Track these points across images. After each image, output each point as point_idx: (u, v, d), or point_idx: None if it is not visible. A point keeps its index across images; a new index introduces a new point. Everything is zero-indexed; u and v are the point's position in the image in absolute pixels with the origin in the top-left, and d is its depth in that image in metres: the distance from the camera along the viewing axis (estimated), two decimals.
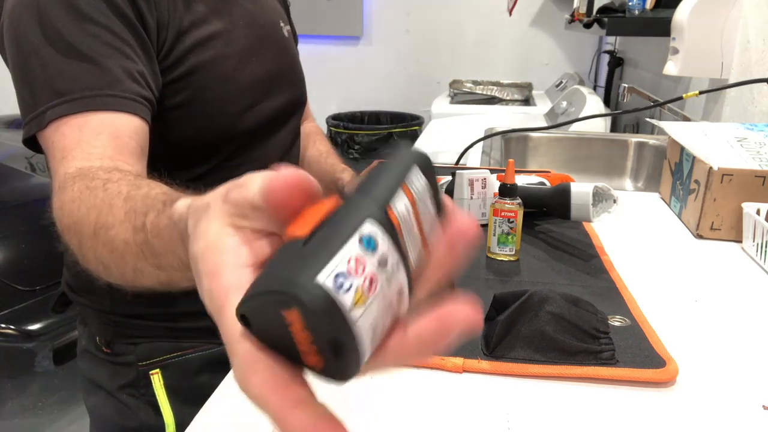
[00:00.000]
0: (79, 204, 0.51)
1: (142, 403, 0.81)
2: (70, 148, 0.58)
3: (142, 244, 0.42)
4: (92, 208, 0.50)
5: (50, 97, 0.60)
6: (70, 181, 0.55)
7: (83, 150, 0.58)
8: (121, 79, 0.62)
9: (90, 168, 0.56)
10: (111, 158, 0.59)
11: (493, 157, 1.51)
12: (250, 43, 0.78)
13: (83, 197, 0.52)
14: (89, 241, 0.50)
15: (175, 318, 0.79)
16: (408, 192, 0.25)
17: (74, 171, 0.56)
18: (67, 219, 0.53)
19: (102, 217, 0.49)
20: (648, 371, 0.58)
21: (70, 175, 0.55)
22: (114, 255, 0.47)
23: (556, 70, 3.23)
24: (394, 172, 0.25)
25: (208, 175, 0.77)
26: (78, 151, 0.58)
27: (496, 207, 0.82)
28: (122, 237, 0.45)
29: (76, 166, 0.57)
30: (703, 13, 1.36)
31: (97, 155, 0.58)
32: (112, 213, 0.48)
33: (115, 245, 0.46)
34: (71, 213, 0.52)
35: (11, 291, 1.77)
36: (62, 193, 0.54)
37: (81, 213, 0.51)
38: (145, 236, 0.42)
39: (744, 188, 0.92)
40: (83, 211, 0.51)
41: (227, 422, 0.53)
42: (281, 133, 0.86)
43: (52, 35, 0.61)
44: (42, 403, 2.04)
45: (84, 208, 0.51)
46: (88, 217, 0.50)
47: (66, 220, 0.53)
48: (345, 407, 0.55)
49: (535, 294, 0.63)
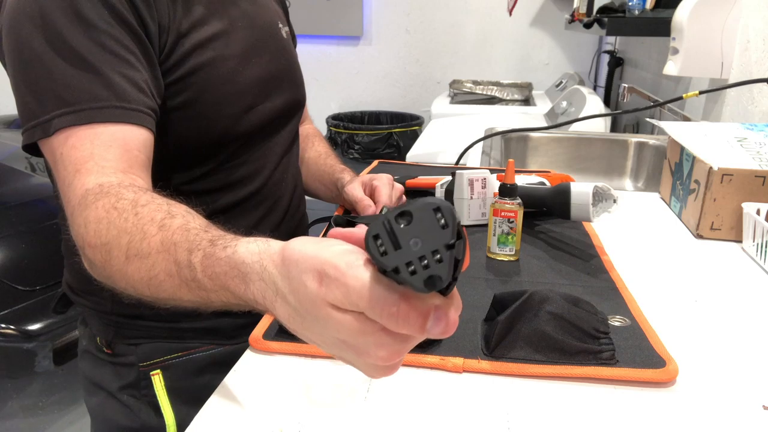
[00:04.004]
0: (108, 225, 0.53)
1: (143, 403, 0.81)
2: (83, 160, 0.59)
3: (189, 281, 0.45)
4: (123, 232, 0.52)
5: (56, 106, 0.60)
6: (92, 198, 0.55)
7: (97, 163, 0.59)
8: (128, 90, 0.63)
9: (111, 185, 0.57)
10: (123, 172, 0.60)
11: (493, 157, 1.51)
12: (249, 45, 0.78)
13: (111, 218, 0.53)
14: (120, 265, 0.52)
15: (176, 318, 0.79)
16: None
17: (95, 187, 0.57)
18: (92, 238, 0.54)
19: (135, 243, 0.51)
20: (648, 371, 0.58)
21: (92, 191, 0.56)
22: (151, 282, 0.49)
23: (556, 70, 3.23)
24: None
25: (208, 176, 0.77)
26: (92, 164, 0.59)
27: (496, 207, 0.82)
28: (162, 267, 0.48)
29: (95, 181, 0.57)
30: (703, 13, 1.36)
31: (110, 169, 0.59)
32: (147, 240, 0.50)
33: (153, 273, 0.49)
34: (98, 233, 0.53)
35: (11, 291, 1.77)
36: (85, 210, 0.55)
37: (111, 235, 0.52)
38: (194, 274, 0.45)
39: (744, 188, 0.92)
40: (113, 233, 0.52)
41: (227, 422, 0.53)
42: (281, 134, 0.86)
43: (57, 42, 0.61)
44: (42, 403, 2.04)
45: (114, 230, 0.52)
46: (119, 240, 0.52)
47: (92, 240, 0.54)
48: (345, 407, 0.55)
49: (535, 294, 0.63)
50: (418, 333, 0.31)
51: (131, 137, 0.62)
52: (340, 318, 0.33)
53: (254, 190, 0.82)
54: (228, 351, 0.83)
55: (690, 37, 1.37)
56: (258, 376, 0.60)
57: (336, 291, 0.32)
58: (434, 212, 0.29)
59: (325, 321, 0.34)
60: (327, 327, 0.34)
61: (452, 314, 0.31)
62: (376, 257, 0.29)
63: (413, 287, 0.29)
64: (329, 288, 0.33)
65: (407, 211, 0.29)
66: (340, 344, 0.35)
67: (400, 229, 0.29)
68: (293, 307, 0.36)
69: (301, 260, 0.35)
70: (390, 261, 0.29)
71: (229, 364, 0.61)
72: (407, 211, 0.29)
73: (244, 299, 0.41)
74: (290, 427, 0.53)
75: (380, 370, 0.36)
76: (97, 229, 0.53)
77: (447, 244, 0.29)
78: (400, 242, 0.29)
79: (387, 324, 0.31)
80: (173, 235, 0.49)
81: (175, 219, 0.50)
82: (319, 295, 0.33)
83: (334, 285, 0.32)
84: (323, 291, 0.33)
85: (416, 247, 0.29)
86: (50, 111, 0.60)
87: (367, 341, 0.33)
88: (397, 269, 0.29)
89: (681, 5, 1.40)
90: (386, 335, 0.33)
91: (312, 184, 1.04)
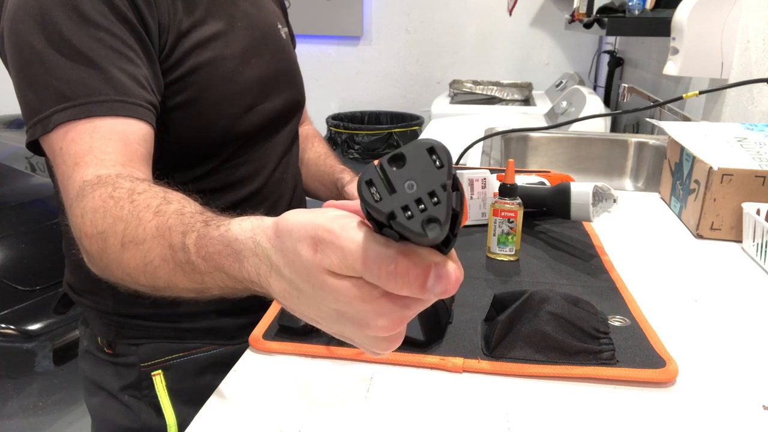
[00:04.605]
0: (104, 214, 0.52)
1: (144, 404, 0.81)
2: (82, 154, 0.59)
3: (184, 263, 0.44)
4: (119, 219, 0.51)
5: (56, 101, 0.60)
6: (89, 189, 0.55)
7: (96, 156, 0.58)
8: (128, 85, 0.63)
9: (109, 176, 0.56)
10: (123, 165, 0.59)
11: (493, 157, 1.51)
12: (248, 45, 0.78)
13: (108, 207, 0.52)
14: (116, 253, 0.51)
15: (177, 318, 0.79)
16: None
17: (93, 178, 0.56)
18: (89, 228, 0.53)
19: (130, 230, 0.50)
20: (648, 371, 0.58)
21: (89, 183, 0.56)
22: (147, 269, 0.48)
23: (556, 70, 3.23)
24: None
25: (209, 176, 0.77)
26: (90, 157, 0.58)
27: (496, 207, 0.82)
28: (157, 252, 0.47)
29: (94, 173, 0.57)
30: (703, 13, 1.36)
31: (110, 162, 0.59)
32: (142, 227, 0.49)
33: (147, 260, 0.48)
34: (95, 223, 0.53)
35: (11, 291, 1.77)
36: (82, 200, 0.55)
37: (107, 223, 0.52)
38: (188, 256, 0.44)
39: (744, 188, 0.92)
40: (109, 221, 0.52)
41: (227, 423, 0.53)
42: (281, 135, 0.86)
43: (56, 39, 0.61)
44: (42, 403, 2.04)
45: (110, 218, 0.52)
46: (115, 228, 0.51)
47: (88, 229, 0.53)
48: (345, 407, 0.55)
49: (535, 294, 0.63)
50: (419, 292, 0.29)
51: (131, 131, 0.62)
52: (338, 285, 0.32)
53: (254, 190, 0.82)
54: (229, 351, 0.83)
55: (690, 37, 1.37)
56: (258, 376, 0.60)
57: (332, 255, 0.31)
58: (428, 153, 0.28)
59: (321, 290, 0.32)
60: (324, 298, 0.33)
61: (454, 271, 0.29)
62: (371, 203, 0.28)
63: (411, 232, 0.27)
64: (324, 253, 0.31)
65: (400, 154, 0.28)
66: (338, 317, 0.33)
67: (393, 172, 0.28)
68: (288, 280, 0.35)
69: (295, 229, 0.33)
70: (385, 206, 0.28)
71: (230, 365, 0.61)
72: (400, 153, 0.28)
73: (239, 278, 0.40)
74: (290, 427, 0.53)
75: (382, 342, 0.34)
76: (94, 218, 0.53)
77: (443, 184, 0.27)
78: (394, 186, 0.28)
79: (386, 284, 0.30)
80: (168, 219, 0.48)
81: (171, 204, 0.50)
82: (315, 261, 0.32)
83: (329, 249, 0.31)
84: (318, 257, 0.32)
85: (411, 190, 0.27)
86: (50, 107, 0.60)
87: (366, 309, 0.32)
88: (393, 214, 0.27)
89: (681, 5, 1.40)
90: (386, 301, 0.31)
91: (312, 185, 1.04)
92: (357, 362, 0.61)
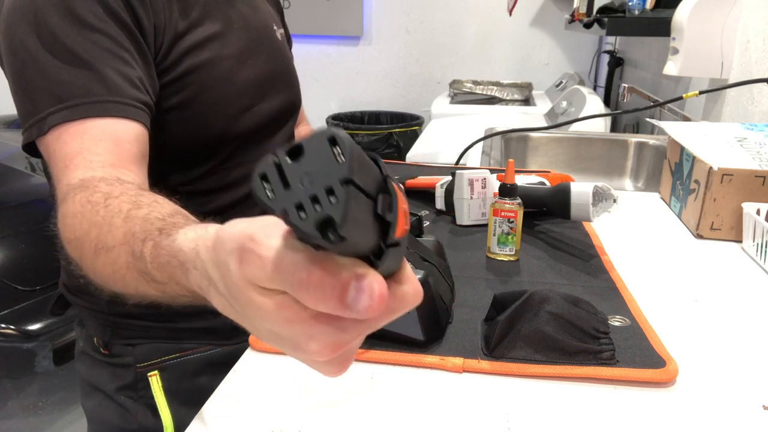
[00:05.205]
0: (81, 219, 0.52)
1: (141, 405, 0.81)
2: (71, 156, 0.58)
3: (143, 273, 0.43)
4: (93, 225, 0.50)
5: (50, 103, 0.60)
6: (71, 193, 0.55)
7: (85, 158, 0.58)
8: (121, 85, 0.63)
9: (92, 179, 0.56)
10: (112, 165, 0.59)
11: (493, 157, 1.51)
12: (245, 46, 0.78)
13: (84, 212, 0.52)
14: (90, 259, 0.50)
15: (173, 318, 0.79)
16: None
17: (76, 182, 0.56)
18: (68, 233, 0.53)
19: (102, 236, 0.49)
20: (648, 371, 0.58)
21: (72, 186, 0.56)
22: (116, 276, 0.47)
23: (556, 70, 3.23)
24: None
25: (205, 177, 0.77)
26: (80, 159, 0.58)
27: (496, 207, 0.82)
28: (123, 260, 0.46)
29: (78, 177, 0.57)
30: (703, 13, 1.36)
31: (98, 163, 0.58)
32: (112, 233, 0.48)
33: (116, 267, 0.47)
34: (72, 227, 0.52)
35: (11, 291, 1.77)
36: (64, 205, 0.55)
37: (82, 229, 0.51)
38: (145, 266, 0.42)
39: (744, 188, 0.92)
40: (84, 227, 0.51)
41: (227, 423, 0.53)
42: (277, 136, 0.86)
43: (50, 41, 0.61)
44: (42, 403, 2.04)
45: (85, 224, 0.51)
46: (89, 234, 0.50)
47: (68, 234, 0.53)
48: (345, 407, 0.55)
49: (535, 294, 0.63)
50: (338, 307, 0.25)
51: (122, 131, 0.61)
52: (262, 302, 0.28)
53: (250, 191, 0.81)
54: (225, 352, 0.83)
55: (690, 37, 1.37)
56: (258, 376, 0.60)
57: (252, 266, 0.27)
58: (330, 144, 0.24)
59: (249, 308, 0.29)
60: (254, 317, 0.29)
61: (378, 287, 0.25)
62: (263, 200, 0.25)
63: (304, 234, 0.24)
64: (247, 264, 0.28)
65: (298, 145, 0.25)
66: (275, 337, 0.30)
67: (289, 165, 0.25)
68: (223, 295, 0.32)
69: (228, 240, 0.29)
70: (277, 204, 0.25)
71: (226, 365, 0.61)
72: (298, 144, 0.25)
73: (189, 291, 0.37)
74: (290, 427, 0.52)
75: (324, 366, 0.31)
76: (72, 223, 0.52)
77: (342, 179, 0.24)
78: (289, 181, 0.25)
79: (299, 295, 0.26)
80: (135, 225, 0.46)
81: (141, 209, 0.48)
82: (240, 275, 0.28)
83: (250, 259, 0.27)
84: (243, 270, 0.28)
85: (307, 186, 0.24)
86: (44, 109, 0.60)
87: (296, 331, 0.28)
88: (286, 212, 0.24)
89: (681, 5, 1.40)
90: (316, 322, 0.27)
91: None
92: (357, 362, 0.61)
